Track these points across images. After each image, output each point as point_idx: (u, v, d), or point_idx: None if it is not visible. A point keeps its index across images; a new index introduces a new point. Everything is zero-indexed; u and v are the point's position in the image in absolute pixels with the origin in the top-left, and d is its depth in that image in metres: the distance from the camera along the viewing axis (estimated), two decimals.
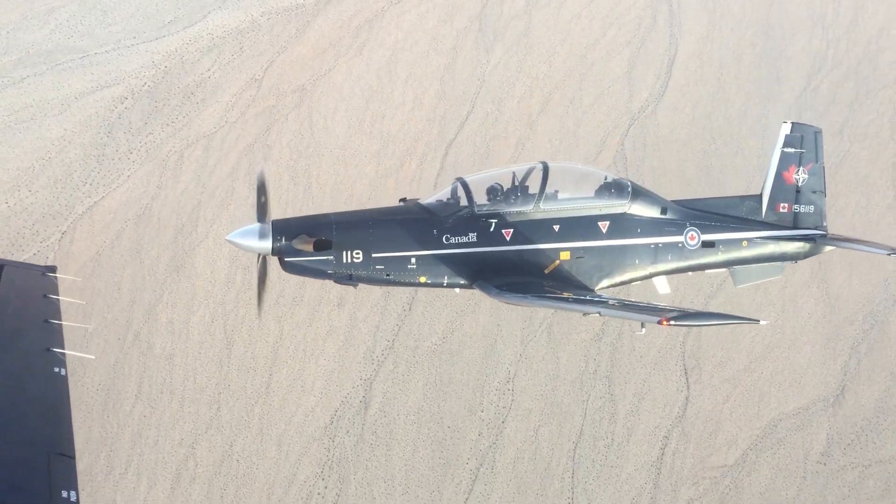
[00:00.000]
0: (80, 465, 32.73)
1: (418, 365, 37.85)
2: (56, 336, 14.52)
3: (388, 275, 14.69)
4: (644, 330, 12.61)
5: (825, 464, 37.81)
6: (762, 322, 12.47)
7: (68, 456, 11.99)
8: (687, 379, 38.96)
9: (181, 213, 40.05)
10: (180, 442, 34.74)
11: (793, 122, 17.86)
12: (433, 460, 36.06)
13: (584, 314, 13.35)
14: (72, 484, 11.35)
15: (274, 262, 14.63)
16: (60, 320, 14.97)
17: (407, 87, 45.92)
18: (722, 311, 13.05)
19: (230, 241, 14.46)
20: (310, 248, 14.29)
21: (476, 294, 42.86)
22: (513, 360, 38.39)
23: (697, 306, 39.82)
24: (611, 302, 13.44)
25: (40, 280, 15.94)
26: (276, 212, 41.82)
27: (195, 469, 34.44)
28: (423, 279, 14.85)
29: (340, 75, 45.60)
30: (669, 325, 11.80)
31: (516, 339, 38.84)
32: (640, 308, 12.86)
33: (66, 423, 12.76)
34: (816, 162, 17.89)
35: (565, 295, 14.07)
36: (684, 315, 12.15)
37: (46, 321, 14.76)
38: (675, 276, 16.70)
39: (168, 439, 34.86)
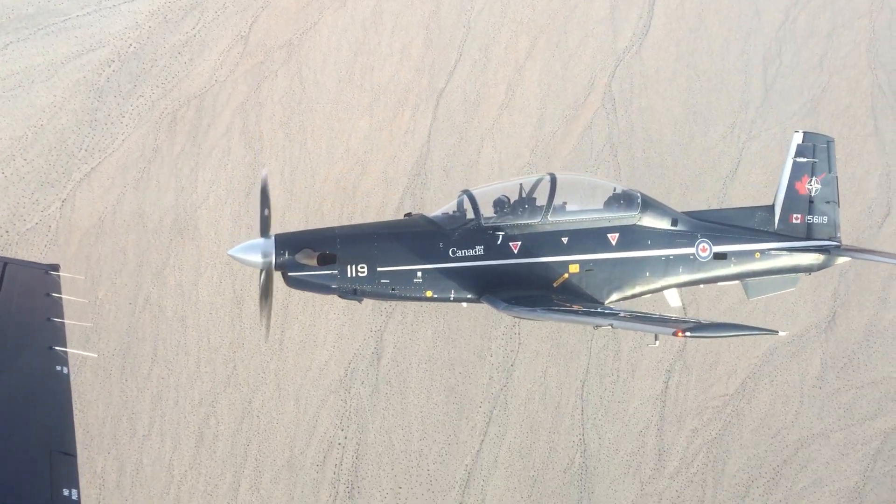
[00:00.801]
0: (104, 428, 33.39)
1: (426, 314, 38.59)
2: (58, 334, 14.58)
3: (393, 289, 14.36)
4: (658, 342, 12.51)
5: (820, 387, 39.38)
6: (781, 333, 11.98)
7: (70, 454, 11.98)
8: (685, 313, 40.05)
9: (179, 175, 40.05)
10: (200, 401, 35.36)
11: (804, 132, 17.56)
12: (447, 405, 37.07)
13: (596, 327, 13.15)
14: (73, 482, 11.39)
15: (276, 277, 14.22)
16: (63, 319, 15.04)
17: (394, 38, 45.82)
18: (737, 322, 12.81)
19: (232, 257, 13.99)
20: (313, 262, 13.95)
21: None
22: None
23: None
24: (622, 314, 13.20)
25: (43, 278, 16.07)
26: (276, 168, 41.82)
27: (217, 427, 35.14)
28: (429, 293, 14.54)
29: (326, 28, 45.35)
30: (685, 336, 11.48)
31: None
32: (653, 320, 12.64)
33: (68, 421, 12.79)
34: (829, 172, 17.64)
35: (575, 308, 13.83)
36: (700, 326, 11.81)
37: (49, 319, 14.81)
38: (686, 288, 16.55)
39: (188, 399, 35.46)
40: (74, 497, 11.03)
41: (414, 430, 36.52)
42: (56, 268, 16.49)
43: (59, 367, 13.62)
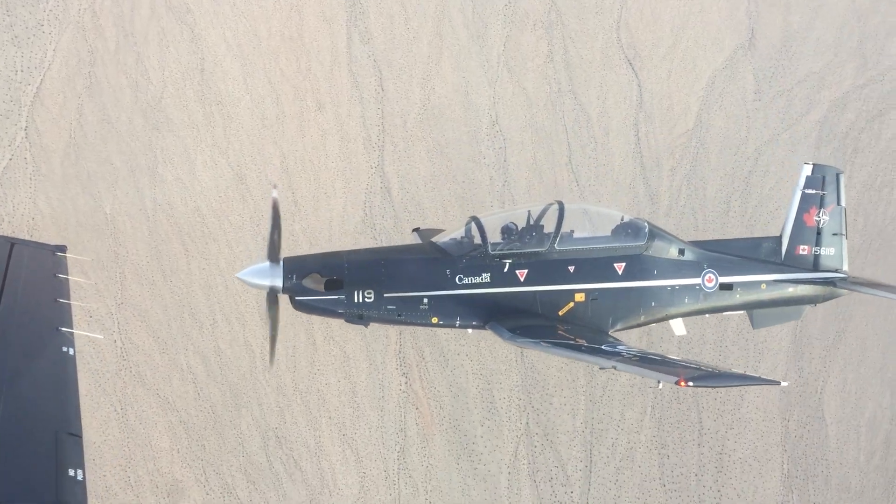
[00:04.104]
0: (172, 329, 34.91)
1: (413, 137, 40.44)
2: (65, 316, 14.62)
3: (399, 315, 14.48)
4: (661, 385, 12.41)
5: (760, 99, 44.09)
6: (783, 384, 12.53)
7: (76, 435, 12.12)
8: (633, 68, 43.41)
9: (128, 70, 38.98)
10: None
11: (814, 164, 17.71)
12: (460, 211, 39.78)
13: (601, 368, 13.18)
14: (79, 462, 11.56)
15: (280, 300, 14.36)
16: (69, 300, 15.08)
17: None
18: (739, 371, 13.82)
19: (241, 280, 14.29)
20: (321, 287, 14.08)
21: (435, 52, 44.22)
22: (489, 104, 41.50)
23: None
24: (625, 353, 13.33)
25: (50, 259, 16.14)
26: (219, 37, 40.83)
27: None
28: (435, 319, 14.66)
29: None
30: (688, 386, 11.57)
31: (485, 83, 41.71)
32: (657, 363, 12.77)
33: (74, 401, 12.87)
34: (837, 204, 17.77)
35: (579, 342, 13.92)
36: (704, 376, 12.04)
37: (56, 301, 14.86)
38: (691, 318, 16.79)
39: (235, 280, 36.77)
40: (80, 477, 11.22)
41: None
42: (63, 249, 16.69)
43: (65, 349, 13.76)
